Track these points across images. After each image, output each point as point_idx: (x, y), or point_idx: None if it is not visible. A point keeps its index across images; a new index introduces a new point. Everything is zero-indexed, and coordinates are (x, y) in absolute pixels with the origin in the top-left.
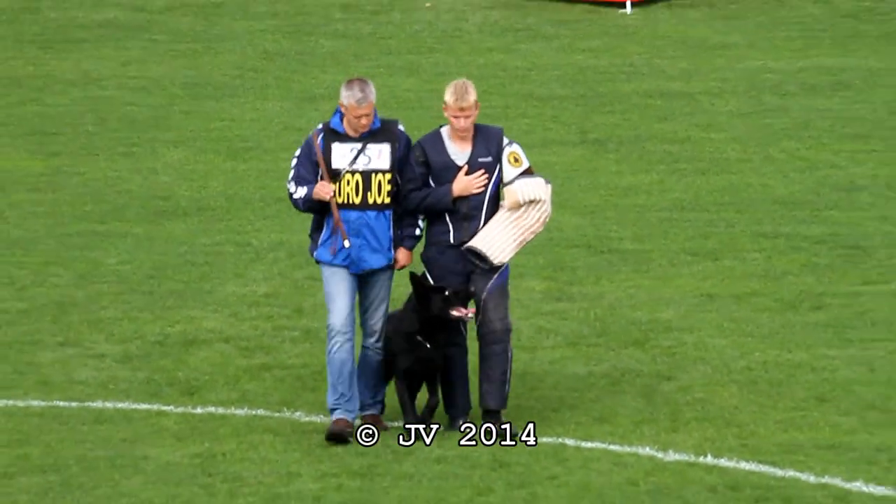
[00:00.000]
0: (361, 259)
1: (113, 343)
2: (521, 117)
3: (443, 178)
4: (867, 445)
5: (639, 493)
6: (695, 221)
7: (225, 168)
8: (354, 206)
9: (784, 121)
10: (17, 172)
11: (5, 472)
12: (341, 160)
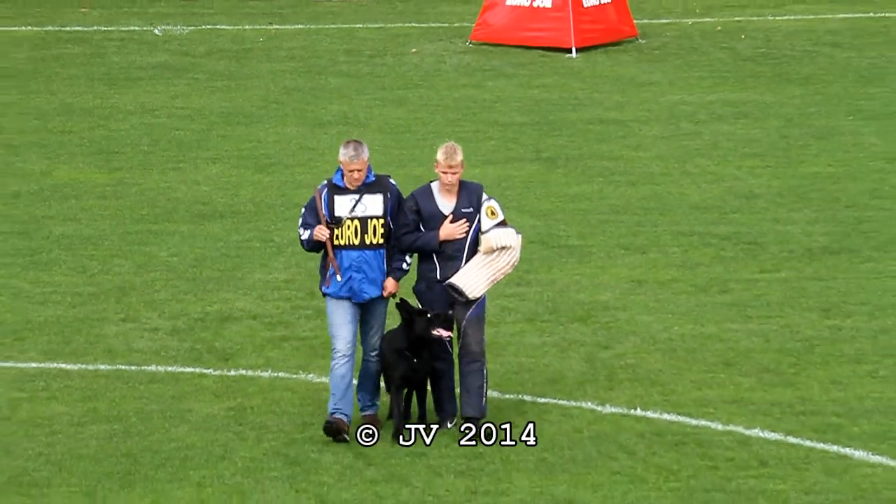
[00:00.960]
0: (362, 290)
1: (164, 319)
2: (488, 139)
3: (431, 224)
4: (763, 400)
5: (582, 438)
6: (626, 222)
7: (253, 180)
8: (354, 246)
9: (697, 142)
10: (87, 183)
11: (79, 422)
12: (342, 209)
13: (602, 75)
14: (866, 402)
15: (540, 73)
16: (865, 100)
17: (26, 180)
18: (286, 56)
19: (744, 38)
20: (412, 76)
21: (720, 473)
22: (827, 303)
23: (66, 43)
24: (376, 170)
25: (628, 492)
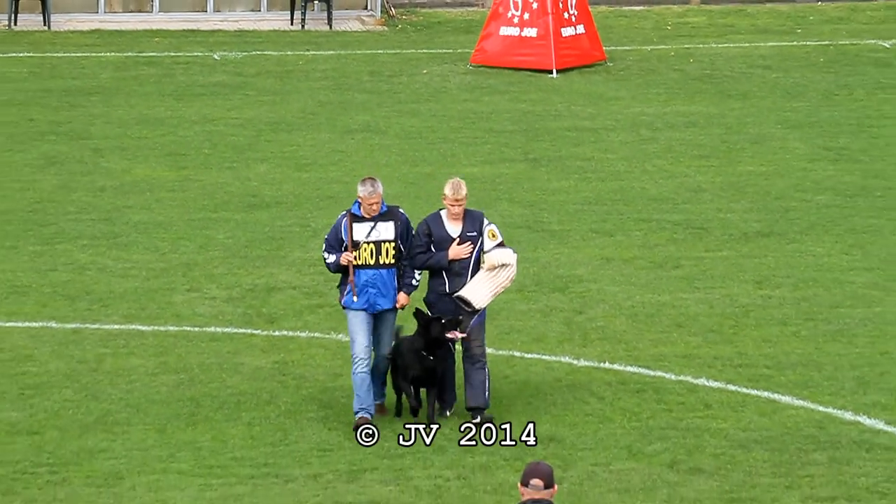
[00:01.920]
0: (376, 303)
1: (221, 289)
2: (484, 143)
3: (441, 246)
4: (708, 355)
5: (561, 386)
6: (597, 211)
7: (293, 177)
8: (370, 265)
9: (654, 146)
10: (159, 179)
11: (152, 373)
12: (360, 234)
13: (577, 91)
14: (791, 357)
15: (527, 90)
16: (791, 112)
17: (110, 177)
18: (321, 76)
19: (692, 62)
20: (423, 92)
21: (673, 415)
22: (759, 276)
23: (142, 65)
24: (398, 163)
25: (598, 430)
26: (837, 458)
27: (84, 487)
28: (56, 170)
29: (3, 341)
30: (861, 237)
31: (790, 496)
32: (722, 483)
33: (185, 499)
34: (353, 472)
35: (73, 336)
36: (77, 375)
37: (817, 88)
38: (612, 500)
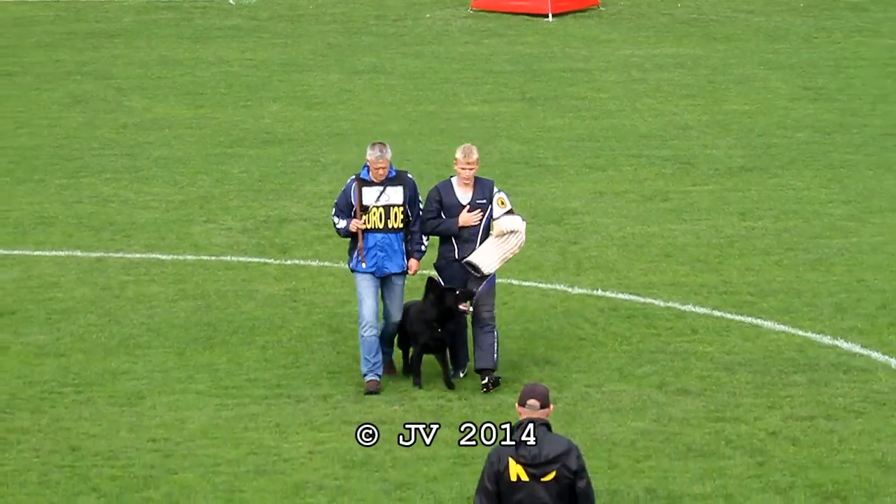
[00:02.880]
0: (384, 266)
1: (236, 221)
2: (484, 84)
3: (451, 212)
4: (694, 283)
5: (556, 312)
6: (591, 147)
7: (304, 115)
8: (379, 229)
9: (644, 86)
10: (178, 117)
11: (172, 299)
12: (369, 198)
13: (572, 35)
14: (773, 284)
15: (524, 33)
16: (772, 53)
17: (131, 115)
18: (330, 20)
19: (680, 7)
20: (426, 35)
21: (662, 339)
22: (743, 208)
23: (162, 10)
24: (402, 102)
25: (591, 353)
26: (816, 379)
27: (107, 406)
28: (81, 108)
29: (31, 269)
30: (839, 172)
31: (771, 415)
32: (707, 403)
33: (202, 417)
34: (361, 393)
35: (97, 264)
36: (101, 301)
37: (798, 32)
38: (605, 419)
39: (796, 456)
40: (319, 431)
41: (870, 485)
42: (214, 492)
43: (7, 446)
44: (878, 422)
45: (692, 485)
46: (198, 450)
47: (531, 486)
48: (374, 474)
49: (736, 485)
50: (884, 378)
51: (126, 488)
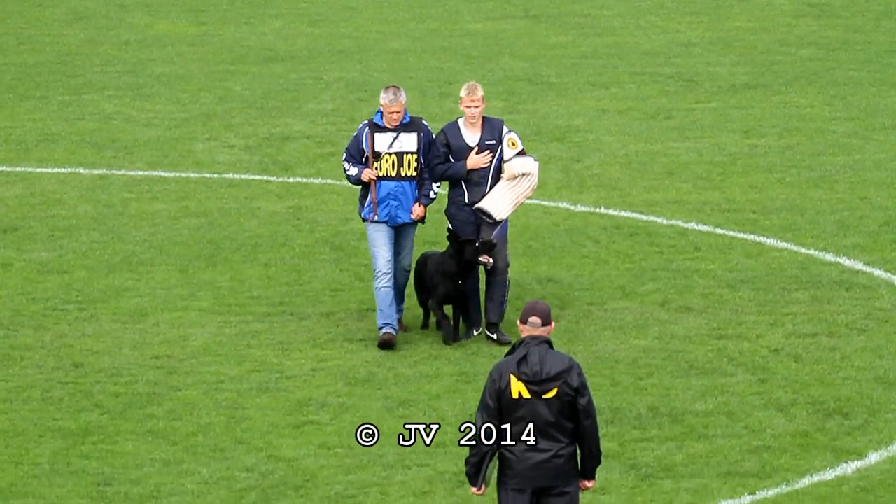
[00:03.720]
0: (397, 216)
1: (239, 138)
2: (486, 1)
3: (459, 155)
4: (697, 201)
5: (559, 230)
6: (594, 65)
7: (307, 32)
8: (391, 177)
9: (647, 3)
10: (180, 34)
11: (174, 216)
12: (382, 145)
13: None
14: (776, 202)
15: None
16: None
17: (134, 31)
18: None
19: None
20: None
21: (664, 257)
22: (746, 126)
23: None
24: (405, 20)
25: (594, 271)
26: (819, 296)
27: (111, 323)
28: (83, 24)
29: (33, 186)
30: (842, 89)
31: (774, 332)
32: (710, 321)
33: (205, 335)
34: (363, 311)
35: (99, 181)
36: (104, 218)
37: None
38: (607, 337)
39: (798, 373)
40: (322, 349)
41: (871, 401)
42: (217, 409)
43: (10, 363)
44: (881, 339)
45: (694, 402)
46: (201, 367)
47: (532, 404)
48: (377, 391)
49: (738, 402)
50: (886, 295)
51: (129, 405)
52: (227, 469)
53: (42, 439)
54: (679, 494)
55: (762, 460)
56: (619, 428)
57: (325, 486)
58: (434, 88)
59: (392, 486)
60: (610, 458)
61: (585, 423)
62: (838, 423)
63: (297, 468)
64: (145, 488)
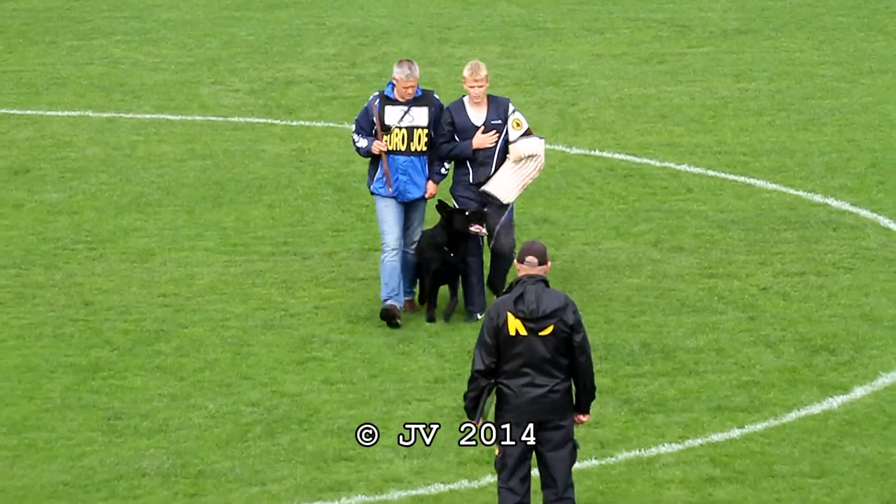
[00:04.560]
0: (407, 191)
1: (243, 82)
2: None
3: (465, 134)
4: (689, 143)
5: (555, 172)
6: (588, 10)
7: None
8: (401, 152)
9: None
10: None
11: (181, 159)
12: (392, 118)
13: None
14: (766, 144)
15: None
16: None
17: None
18: None
19: None
20: None
21: (657, 198)
22: (737, 70)
23: None
24: None
25: (589, 212)
26: (807, 236)
27: (119, 262)
28: None
29: (44, 129)
30: (830, 34)
31: (763, 271)
32: (701, 260)
33: (211, 274)
34: (365, 251)
35: (108, 124)
36: (112, 160)
37: None
38: (601, 276)
39: (786, 311)
40: (325, 287)
41: (857, 338)
42: (223, 345)
43: (23, 301)
44: (866, 277)
45: (685, 339)
46: (207, 305)
47: (529, 340)
48: (378, 329)
49: (728, 339)
50: (872, 235)
51: (138, 341)
52: (233, 403)
53: (54, 375)
54: (670, 428)
55: (751, 395)
56: (613, 364)
57: (328, 421)
58: (434, 34)
59: (392, 421)
60: (603, 393)
61: (580, 359)
62: (825, 359)
63: (301, 403)
64: (154, 422)
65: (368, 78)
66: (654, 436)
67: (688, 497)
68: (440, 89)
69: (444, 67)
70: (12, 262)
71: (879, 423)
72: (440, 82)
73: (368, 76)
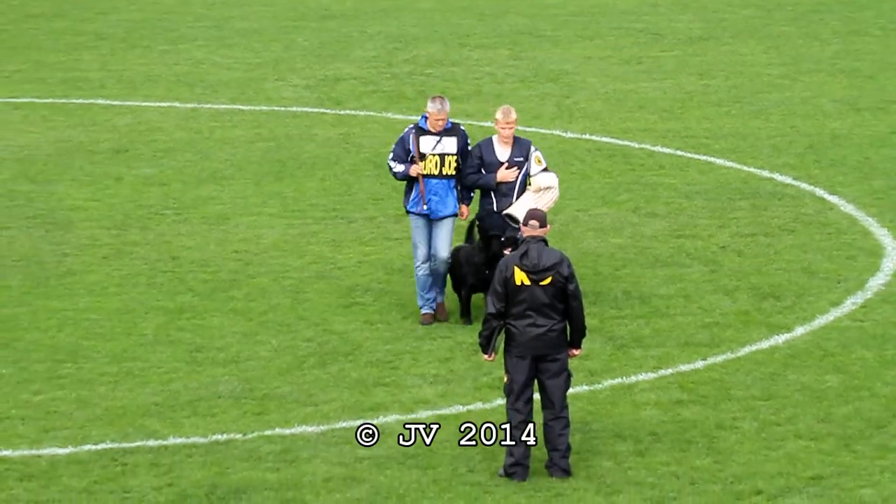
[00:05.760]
0: (438, 210)
1: (301, 79)
2: None
3: (490, 168)
4: (662, 129)
5: (553, 152)
6: (581, 21)
7: None
8: (434, 175)
9: None
10: None
11: (250, 141)
12: (426, 147)
13: None
14: (724, 130)
15: None
16: None
17: None
18: None
19: None
20: None
21: (636, 173)
22: (701, 70)
23: None
24: None
25: (580, 184)
26: (757, 205)
27: (200, 225)
28: None
29: (139, 116)
30: (776, 40)
31: (722, 232)
32: (671, 224)
33: (273, 234)
34: (399, 216)
35: (191, 113)
36: (195, 142)
37: None
38: (590, 236)
39: (741, 265)
40: (367, 245)
41: (798, 287)
42: (283, 292)
43: (122, 256)
44: (805, 238)
45: (659, 288)
46: (270, 259)
47: (532, 289)
48: (410, 279)
49: (693, 288)
50: (810, 203)
51: (215, 289)
52: (292, 339)
53: (147, 316)
54: (647, 360)
55: (712, 333)
56: (600, 308)
57: (369, 354)
58: (454, 40)
59: (421, 354)
60: (592, 332)
61: (573, 304)
62: (772, 304)
63: (347, 339)
64: (228, 354)
65: (402, 76)
66: (634, 367)
67: (661, 416)
68: (459, 86)
69: (463, 68)
70: (114, 225)
71: (816, 356)
72: (459, 80)
73: (402, 74)
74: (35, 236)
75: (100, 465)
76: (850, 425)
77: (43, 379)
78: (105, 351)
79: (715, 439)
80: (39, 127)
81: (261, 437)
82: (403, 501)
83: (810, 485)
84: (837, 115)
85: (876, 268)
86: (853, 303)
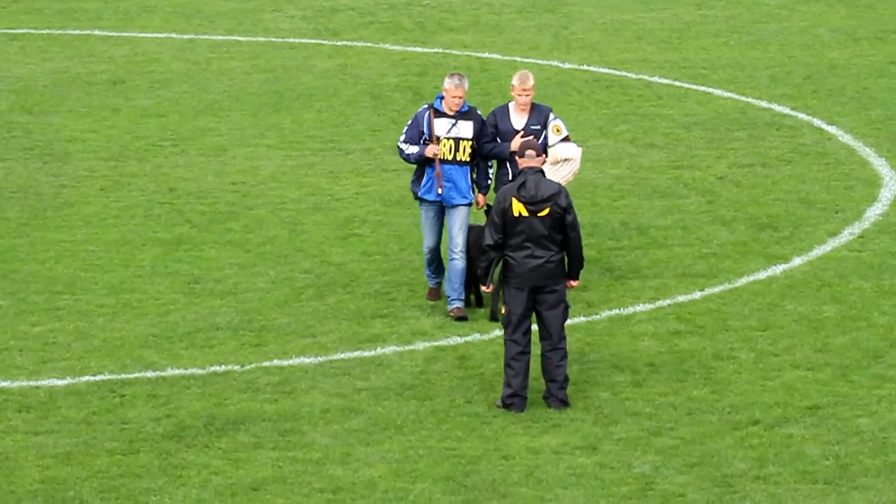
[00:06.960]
0: (451, 197)
1: (297, 10)
2: None
3: (505, 137)
4: (660, 60)
5: (551, 83)
6: None
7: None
8: (448, 161)
9: None
10: None
11: (247, 72)
12: (441, 130)
13: None
14: (722, 60)
15: None
16: None
17: None
18: None
19: None
20: None
21: (633, 104)
22: (699, 0)
23: None
24: None
25: (578, 115)
26: (755, 135)
27: (198, 157)
28: None
29: (136, 47)
30: None
31: (720, 163)
32: (669, 154)
33: (271, 165)
34: (396, 148)
35: (188, 44)
36: (192, 73)
37: None
38: (588, 167)
39: (738, 195)
40: (364, 177)
41: (795, 217)
42: (281, 224)
43: (120, 187)
44: (803, 168)
45: (656, 219)
46: (268, 191)
47: (530, 220)
48: (407, 211)
49: (691, 219)
50: (807, 134)
51: (213, 220)
52: (290, 271)
53: (145, 247)
54: (644, 291)
55: (709, 264)
56: (598, 239)
57: (366, 285)
58: None
59: (418, 286)
60: (590, 263)
61: (571, 235)
62: (769, 235)
63: (344, 270)
64: (226, 286)
65: (399, 6)
66: (631, 298)
67: (658, 347)
68: (456, 16)
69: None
70: (111, 156)
71: (813, 286)
72: (457, 10)
73: (399, 4)
74: (32, 168)
75: (98, 397)
76: (847, 355)
77: (41, 310)
78: (103, 282)
79: (712, 370)
80: (36, 58)
81: (258, 368)
82: (401, 432)
83: (807, 414)
84: (836, 45)
85: (873, 198)
86: (851, 233)
